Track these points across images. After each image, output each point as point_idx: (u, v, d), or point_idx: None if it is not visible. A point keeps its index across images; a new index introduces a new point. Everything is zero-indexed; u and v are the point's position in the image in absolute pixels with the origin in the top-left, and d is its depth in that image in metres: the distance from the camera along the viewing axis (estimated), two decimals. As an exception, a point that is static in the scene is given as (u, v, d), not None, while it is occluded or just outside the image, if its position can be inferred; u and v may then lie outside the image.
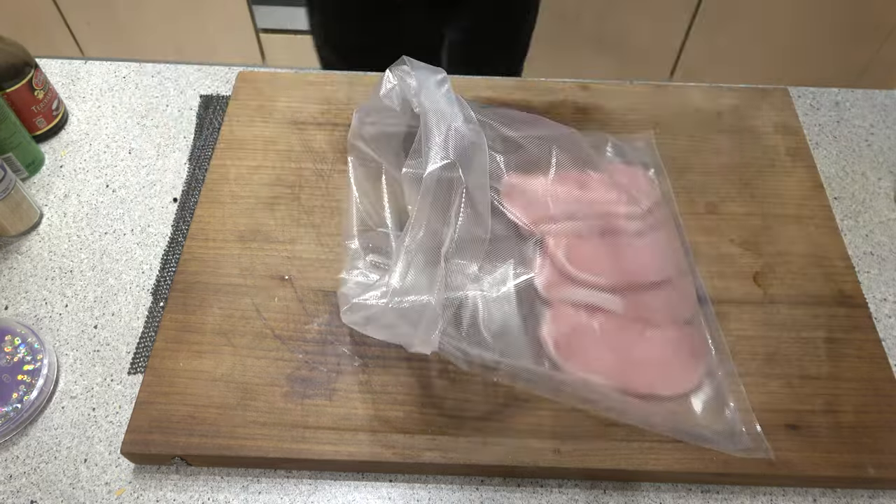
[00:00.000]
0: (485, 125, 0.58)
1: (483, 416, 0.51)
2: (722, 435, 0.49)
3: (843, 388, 0.52)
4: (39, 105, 0.67)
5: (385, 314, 0.47)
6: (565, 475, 0.50)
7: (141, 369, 0.55)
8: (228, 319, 0.55)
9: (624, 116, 0.69)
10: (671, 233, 0.59)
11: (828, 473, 0.49)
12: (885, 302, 0.59)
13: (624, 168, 0.63)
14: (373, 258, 0.56)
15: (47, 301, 0.59)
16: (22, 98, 0.65)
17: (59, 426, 0.53)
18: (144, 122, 0.71)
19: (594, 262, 0.56)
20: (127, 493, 0.50)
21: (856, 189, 0.67)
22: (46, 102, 0.68)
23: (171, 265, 0.61)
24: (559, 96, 0.70)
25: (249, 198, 0.62)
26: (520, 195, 0.59)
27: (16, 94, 0.65)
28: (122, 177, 0.67)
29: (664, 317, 0.54)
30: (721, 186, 0.64)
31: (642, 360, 0.52)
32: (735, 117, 0.68)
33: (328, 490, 0.50)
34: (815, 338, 0.55)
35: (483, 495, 0.50)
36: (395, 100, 0.56)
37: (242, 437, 0.50)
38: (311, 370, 0.53)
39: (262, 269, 0.58)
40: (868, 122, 0.72)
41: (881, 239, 0.63)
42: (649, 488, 0.50)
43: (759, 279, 0.58)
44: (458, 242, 0.50)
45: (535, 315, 0.54)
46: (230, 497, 0.50)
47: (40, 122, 0.68)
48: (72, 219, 0.64)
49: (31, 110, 0.67)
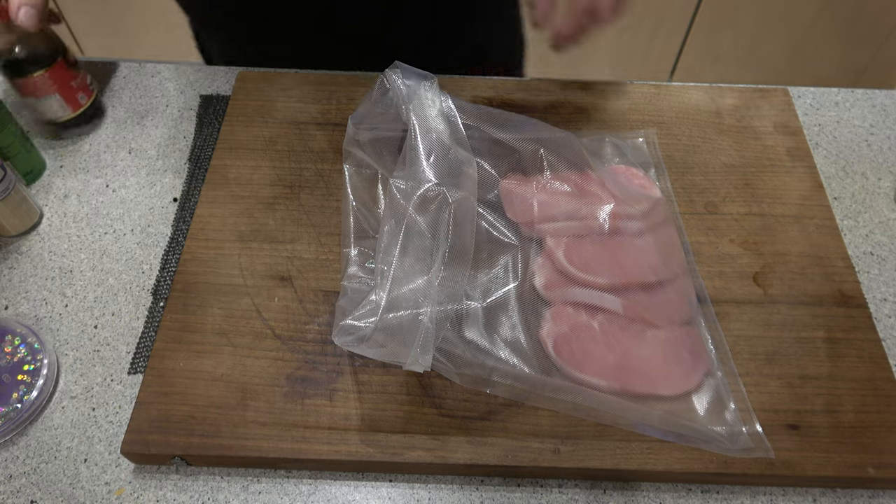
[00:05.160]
0: (479, 129, 0.58)
1: (483, 416, 0.51)
2: (722, 435, 0.49)
3: (843, 388, 0.52)
4: (77, 80, 0.67)
5: (375, 335, 0.48)
6: (565, 475, 0.50)
7: (141, 369, 0.55)
8: (228, 319, 0.55)
9: (624, 116, 0.69)
10: (671, 233, 0.59)
11: (828, 473, 0.49)
12: (885, 302, 0.59)
13: (624, 168, 0.63)
14: (372, 264, 0.56)
15: (47, 301, 0.59)
16: (62, 75, 0.65)
17: (59, 426, 0.53)
18: (144, 122, 0.71)
19: (594, 262, 0.56)
20: (127, 492, 0.50)
21: (856, 189, 0.67)
22: (82, 77, 0.68)
23: (171, 265, 0.61)
24: (559, 96, 0.70)
25: (249, 198, 0.62)
26: (518, 196, 0.59)
27: (56, 71, 0.65)
28: (122, 177, 0.67)
29: (664, 317, 0.54)
30: (721, 186, 0.64)
31: (642, 360, 0.52)
32: (735, 117, 0.68)
33: (328, 490, 0.50)
34: (815, 338, 0.55)
35: (483, 495, 0.50)
36: (389, 105, 0.57)
37: (242, 437, 0.50)
38: (311, 370, 0.53)
39: (262, 269, 0.58)
40: (868, 122, 0.72)
41: (881, 239, 0.63)
42: (649, 488, 0.50)
43: (759, 279, 0.58)
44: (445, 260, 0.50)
45: (534, 315, 0.54)
46: (230, 497, 0.50)
47: (81, 97, 0.68)
48: (72, 219, 0.64)
49: (71, 86, 0.66)
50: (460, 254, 0.52)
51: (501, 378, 0.51)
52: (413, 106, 0.54)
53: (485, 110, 0.59)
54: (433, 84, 0.56)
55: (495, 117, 0.59)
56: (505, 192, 0.59)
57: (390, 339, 0.48)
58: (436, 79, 0.56)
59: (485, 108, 0.60)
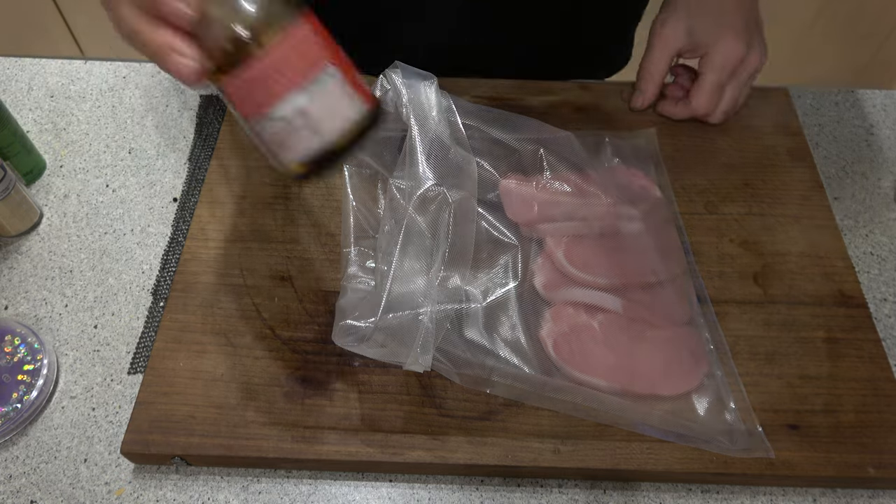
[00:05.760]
0: (479, 129, 0.58)
1: (483, 416, 0.51)
2: (722, 435, 0.49)
3: (843, 388, 0.52)
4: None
5: (375, 335, 0.48)
6: (565, 475, 0.50)
7: (141, 369, 0.55)
8: (228, 319, 0.55)
9: (624, 116, 0.69)
10: (671, 233, 0.59)
11: (828, 473, 0.49)
12: (885, 302, 0.59)
13: (623, 168, 0.63)
14: (372, 264, 0.56)
15: (47, 301, 0.59)
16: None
17: (59, 426, 0.53)
18: (144, 122, 0.71)
19: (594, 262, 0.56)
20: (127, 492, 0.50)
21: (856, 189, 0.67)
22: None
23: (171, 265, 0.61)
24: (559, 96, 0.70)
25: (249, 198, 0.62)
26: (518, 196, 0.59)
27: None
28: (122, 177, 0.67)
29: (664, 317, 0.54)
30: (721, 186, 0.64)
31: (642, 360, 0.52)
32: (735, 117, 0.68)
33: (328, 490, 0.50)
34: (815, 338, 0.55)
35: (483, 495, 0.50)
36: (389, 105, 0.57)
37: (242, 437, 0.50)
38: (311, 370, 0.53)
39: (262, 269, 0.58)
40: (868, 122, 0.72)
41: (881, 239, 0.63)
42: (649, 488, 0.50)
43: (759, 279, 0.58)
44: (446, 260, 0.50)
45: (534, 315, 0.54)
46: (230, 497, 0.50)
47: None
48: (72, 219, 0.64)
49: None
50: (460, 254, 0.52)
51: (501, 378, 0.51)
52: (413, 106, 0.54)
53: (485, 110, 0.59)
54: (433, 84, 0.56)
55: (495, 117, 0.59)
56: (505, 192, 0.59)
57: (390, 339, 0.48)
58: (436, 79, 0.56)
59: (485, 108, 0.60)
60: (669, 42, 0.65)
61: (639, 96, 0.68)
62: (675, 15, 0.65)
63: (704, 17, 0.64)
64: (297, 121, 0.32)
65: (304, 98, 0.32)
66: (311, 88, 0.32)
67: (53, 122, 0.71)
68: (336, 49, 0.33)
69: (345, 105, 0.33)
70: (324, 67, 0.32)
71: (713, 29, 0.63)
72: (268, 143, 0.34)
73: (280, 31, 0.31)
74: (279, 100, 0.32)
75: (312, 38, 0.32)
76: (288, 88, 0.31)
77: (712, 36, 0.63)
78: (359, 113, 0.34)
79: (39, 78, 0.74)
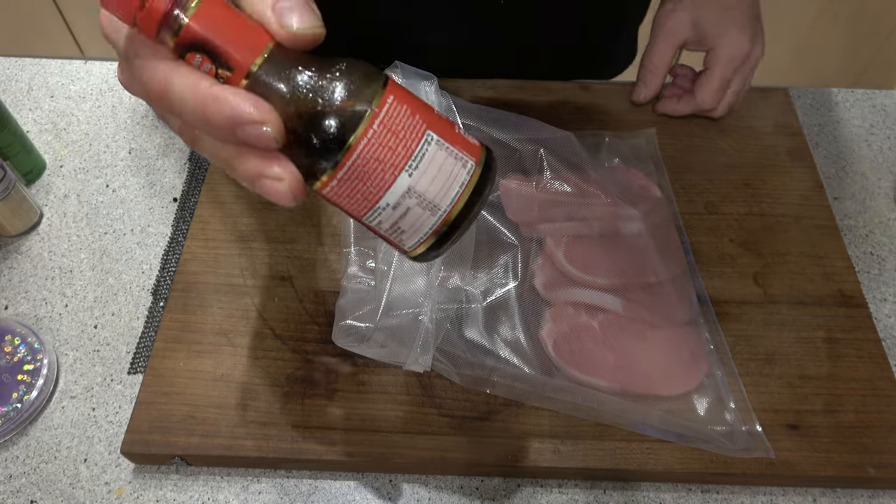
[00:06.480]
0: (479, 129, 0.58)
1: (483, 416, 0.51)
2: (722, 435, 0.49)
3: (843, 388, 0.52)
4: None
5: (375, 335, 0.48)
6: (565, 475, 0.50)
7: (141, 369, 0.55)
8: (228, 319, 0.55)
9: (624, 116, 0.69)
10: (671, 233, 0.59)
11: (828, 473, 0.49)
12: (885, 302, 0.59)
13: (623, 168, 0.63)
14: (372, 264, 0.56)
15: (47, 301, 0.59)
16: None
17: (59, 426, 0.53)
18: (144, 122, 0.71)
19: (594, 262, 0.56)
20: (127, 492, 0.50)
21: (856, 189, 0.67)
22: None
23: (171, 265, 0.61)
24: (559, 96, 0.70)
25: (249, 198, 0.62)
26: (518, 196, 0.59)
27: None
28: (122, 177, 0.67)
29: (664, 317, 0.54)
30: (721, 186, 0.64)
31: (642, 360, 0.52)
32: (735, 117, 0.68)
33: (328, 490, 0.50)
34: (815, 338, 0.55)
35: (483, 495, 0.50)
36: None
37: (242, 437, 0.50)
38: (311, 370, 0.53)
39: (262, 269, 0.58)
40: (868, 122, 0.72)
41: (881, 239, 0.63)
42: (649, 488, 0.50)
43: (759, 279, 0.58)
44: (446, 260, 0.50)
45: (534, 315, 0.54)
46: (230, 497, 0.50)
47: None
48: (72, 219, 0.64)
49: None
50: (460, 254, 0.52)
51: (501, 378, 0.51)
52: None
53: (485, 110, 0.59)
54: (433, 84, 0.56)
55: (495, 117, 0.59)
56: (505, 192, 0.59)
57: (390, 339, 0.48)
58: (436, 79, 0.56)
59: (485, 108, 0.60)
60: (674, 34, 0.65)
61: (642, 89, 0.67)
62: (680, 6, 0.65)
63: (709, 10, 0.64)
64: (408, 203, 0.30)
65: (410, 178, 0.29)
66: (414, 165, 0.29)
67: (53, 122, 0.71)
68: (425, 108, 0.30)
69: (454, 169, 0.30)
70: (423, 137, 0.29)
71: (718, 22, 0.63)
72: (387, 235, 0.32)
73: (372, 117, 0.28)
74: (387, 190, 0.29)
75: (401, 108, 0.29)
76: (393, 175, 0.29)
77: (718, 29, 0.63)
78: (469, 172, 0.30)
79: (39, 78, 0.74)
